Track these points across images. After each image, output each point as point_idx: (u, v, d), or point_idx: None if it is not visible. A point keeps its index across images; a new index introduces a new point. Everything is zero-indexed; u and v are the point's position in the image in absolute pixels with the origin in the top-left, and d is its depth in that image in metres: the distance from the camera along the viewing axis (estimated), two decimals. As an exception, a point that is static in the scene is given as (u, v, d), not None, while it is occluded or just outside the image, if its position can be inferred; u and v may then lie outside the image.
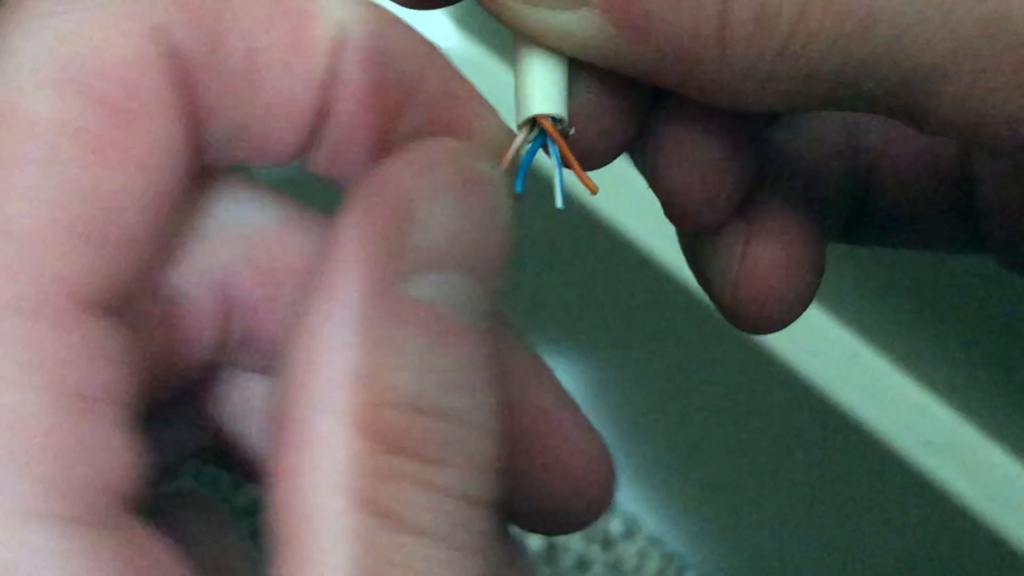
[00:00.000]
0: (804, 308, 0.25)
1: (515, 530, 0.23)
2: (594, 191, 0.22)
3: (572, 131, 0.22)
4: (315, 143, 0.20)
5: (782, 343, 0.61)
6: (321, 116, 0.20)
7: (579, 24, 0.20)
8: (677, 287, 0.61)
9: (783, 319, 0.24)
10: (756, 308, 0.24)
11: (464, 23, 0.65)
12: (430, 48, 0.21)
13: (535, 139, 0.22)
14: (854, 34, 0.19)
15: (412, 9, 0.22)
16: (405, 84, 0.20)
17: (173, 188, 0.19)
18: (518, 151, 0.22)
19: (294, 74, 0.19)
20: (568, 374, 0.73)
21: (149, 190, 0.18)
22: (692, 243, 0.25)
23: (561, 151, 0.22)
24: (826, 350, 0.60)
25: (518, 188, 0.21)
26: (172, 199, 0.19)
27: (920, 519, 0.61)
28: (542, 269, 0.68)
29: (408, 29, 0.20)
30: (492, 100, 0.22)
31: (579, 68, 0.22)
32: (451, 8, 0.22)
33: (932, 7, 0.18)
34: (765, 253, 0.24)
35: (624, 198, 0.22)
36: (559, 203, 0.22)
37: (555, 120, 0.22)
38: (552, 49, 0.21)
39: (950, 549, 0.61)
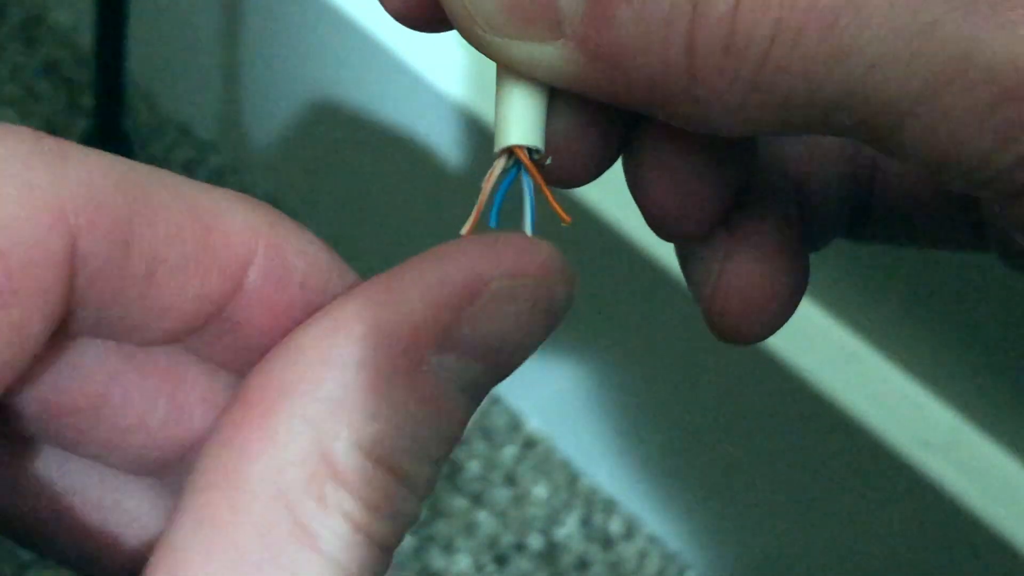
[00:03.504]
0: (784, 321, 0.25)
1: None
2: (566, 221, 0.22)
3: (549, 160, 0.22)
4: (205, 336, 0.21)
5: (782, 343, 0.61)
6: (217, 322, 0.21)
7: (553, 56, 0.20)
8: (677, 287, 0.61)
9: (761, 332, 0.25)
10: (733, 322, 0.25)
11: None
12: (332, 256, 0.21)
13: (511, 169, 0.22)
14: (823, 68, 0.19)
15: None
16: (309, 293, 0.21)
17: (18, 361, 0.19)
18: (497, 180, 0.22)
19: (193, 288, 0.20)
20: (568, 374, 0.73)
21: None
22: (679, 251, 0.26)
23: (535, 181, 0.22)
24: (826, 350, 0.60)
25: (492, 223, 0.22)
26: (14, 369, 0.19)
27: (920, 519, 0.61)
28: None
29: (312, 239, 0.21)
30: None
31: (559, 93, 0.22)
32: None
33: (899, 46, 0.19)
34: (743, 268, 0.24)
35: (624, 198, 0.22)
36: (528, 234, 0.22)
37: (531, 151, 0.22)
38: (530, 79, 0.21)
39: (950, 549, 0.61)
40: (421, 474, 0.19)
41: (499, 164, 0.22)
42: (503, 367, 0.20)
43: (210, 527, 0.18)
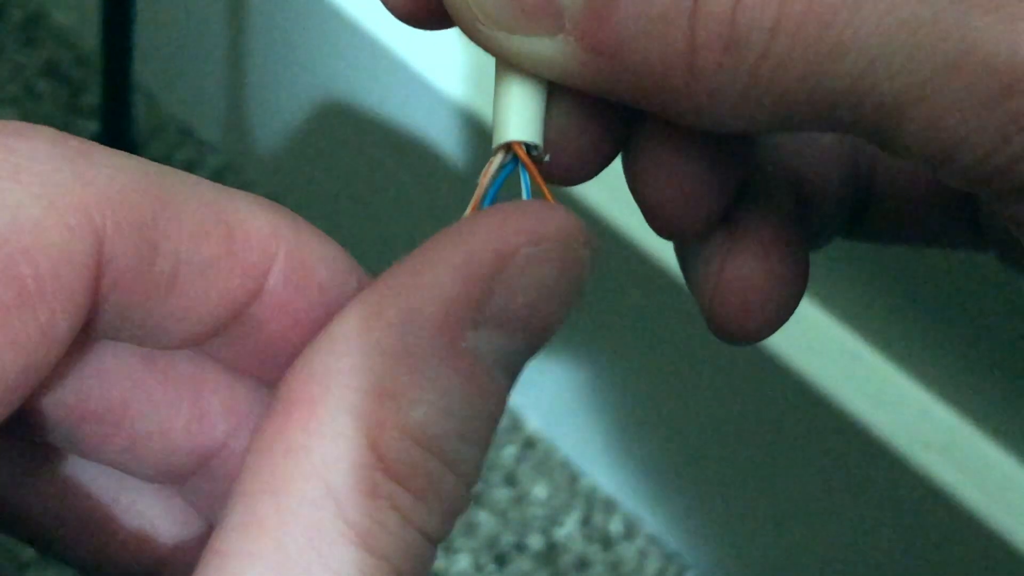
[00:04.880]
0: (784, 319, 0.25)
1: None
2: None
3: (547, 157, 0.22)
4: (227, 340, 0.21)
5: (782, 343, 0.61)
6: (238, 324, 0.21)
7: (554, 50, 0.20)
8: (677, 287, 0.61)
9: (761, 332, 0.25)
10: (733, 321, 0.24)
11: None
12: (349, 259, 0.22)
13: (508, 164, 0.22)
14: (823, 63, 0.19)
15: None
16: (328, 296, 0.21)
17: (44, 362, 0.19)
18: (494, 175, 0.22)
19: (216, 290, 0.20)
20: (568, 374, 0.73)
21: (15, 365, 0.18)
22: (679, 249, 0.25)
23: (532, 178, 0.22)
24: (826, 350, 0.60)
25: None
26: (40, 371, 0.19)
27: (920, 519, 0.61)
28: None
29: (330, 242, 0.21)
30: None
31: (558, 90, 0.22)
32: None
33: (900, 40, 0.19)
34: (744, 268, 0.24)
35: (624, 198, 0.22)
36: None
37: (529, 146, 0.22)
38: (530, 74, 0.21)
39: (950, 549, 0.61)
40: (469, 458, 0.18)
41: (496, 159, 0.22)
42: (537, 338, 0.19)
43: (257, 530, 0.17)
